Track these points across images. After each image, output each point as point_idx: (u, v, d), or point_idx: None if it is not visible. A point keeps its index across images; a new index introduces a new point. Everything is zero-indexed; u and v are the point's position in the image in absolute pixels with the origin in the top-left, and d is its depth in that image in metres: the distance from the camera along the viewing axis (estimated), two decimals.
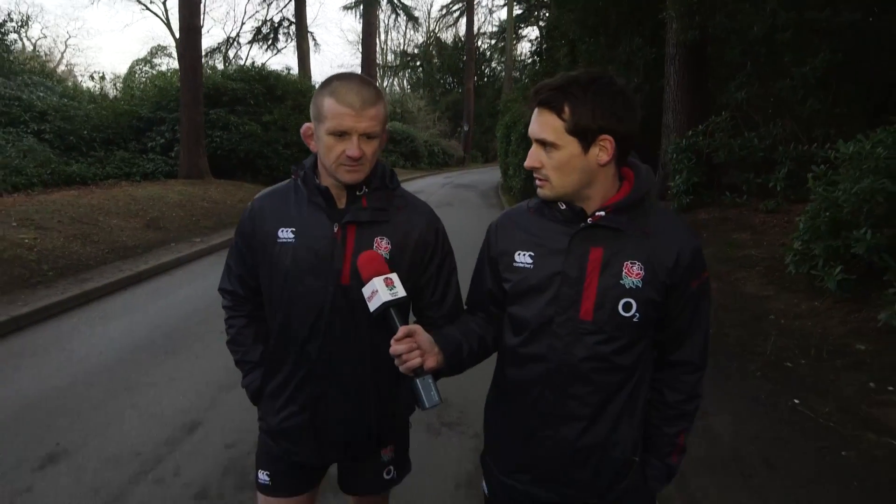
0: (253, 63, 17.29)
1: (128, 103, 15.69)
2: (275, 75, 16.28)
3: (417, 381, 1.22)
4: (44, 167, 11.83)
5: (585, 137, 1.16)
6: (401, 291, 1.26)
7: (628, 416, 1.28)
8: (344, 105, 1.30)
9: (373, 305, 1.25)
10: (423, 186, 19.04)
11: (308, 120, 1.42)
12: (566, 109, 1.16)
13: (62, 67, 32.77)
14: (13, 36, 20.37)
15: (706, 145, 8.30)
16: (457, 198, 15.90)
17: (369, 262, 1.30)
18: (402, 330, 1.22)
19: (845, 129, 6.63)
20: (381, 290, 1.24)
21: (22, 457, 2.88)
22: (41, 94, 15.24)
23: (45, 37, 18.80)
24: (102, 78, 27.27)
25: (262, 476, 1.59)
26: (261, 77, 15.68)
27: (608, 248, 1.22)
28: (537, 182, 1.25)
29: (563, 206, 1.25)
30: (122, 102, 15.86)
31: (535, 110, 1.21)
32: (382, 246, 1.43)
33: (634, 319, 1.21)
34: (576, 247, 1.23)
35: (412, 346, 1.21)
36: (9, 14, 19.49)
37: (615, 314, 1.21)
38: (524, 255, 1.30)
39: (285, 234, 1.43)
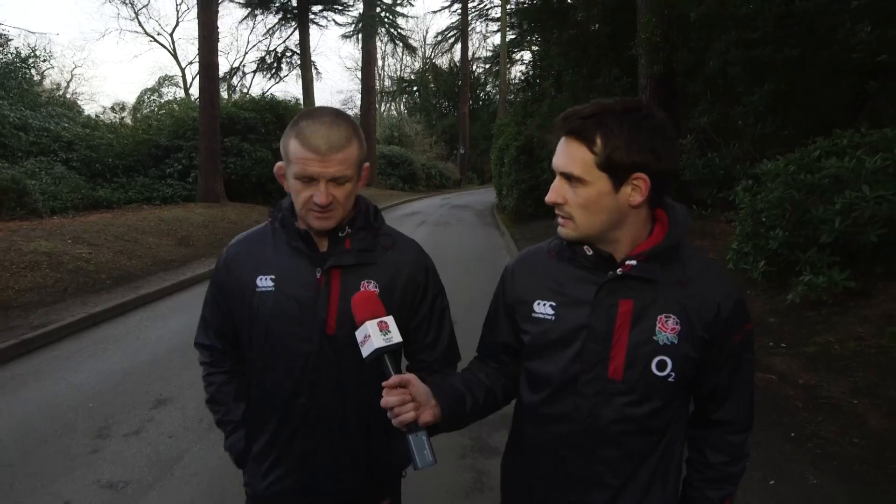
0: (263, 94, 18.43)
1: (146, 132, 16.81)
2: (283, 105, 17.45)
3: (410, 437, 1.09)
4: (75, 192, 12.91)
5: (617, 174, 1.04)
6: (396, 337, 1.15)
7: (661, 480, 1.16)
8: (308, 150, 1.20)
9: (365, 351, 1.14)
10: (422, 207, 20.14)
11: None
12: (598, 141, 1.03)
13: (68, 96, 34.11)
14: (34, 70, 21.64)
15: None
16: (454, 217, 16.90)
17: (363, 303, 1.19)
18: (394, 379, 1.11)
19: (793, 149, 7.73)
20: (373, 336, 1.13)
21: (137, 402, 3.88)
22: (65, 125, 16.41)
23: (53, 66, 20.00)
24: (123, 109, 28.32)
25: None
26: (270, 107, 16.83)
27: (639, 300, 1.10)
28: (559, 220, 1.13)
29: (590, 252, 1.13)
30: (140, 131, 16.99)
31: (562, 140, 1.08)
32: (370, 290, 1.33)
33: (670, 379, 1.09)
34: (603, 298, 1.11)
35: (405, 398, 1.09)
36: (33, 49, 20.62)
37: (648, 373, 1.09)
38: (544, 304, 1.18)
39: (264, 282, 1.34)
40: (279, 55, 29.68)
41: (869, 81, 7.14)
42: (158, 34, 46.80)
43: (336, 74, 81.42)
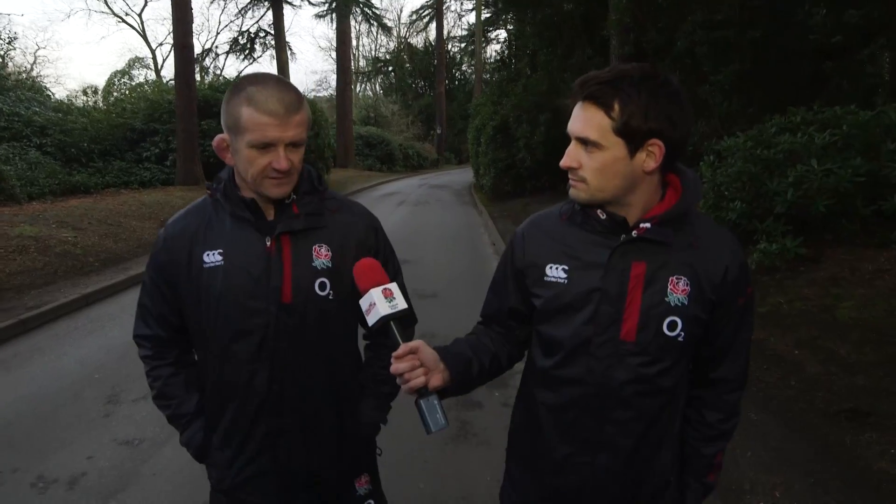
0: (238, 75, 18.27)
1: (120, 116, 16.65)
2: None
3: (422, 402, 1.10)
4: (52, 177, 12.84)
5: (634, 140, 1.05)
6: (401, 303, 1.15)
7: (668, 439, 1.21)
8: (266, 114, 1.17)
9: (371, 319, 1.13)
10: (401, 188, 20.28)
11: None
12: (616, 107, 1.04)
13: (33, 78, 33.23)
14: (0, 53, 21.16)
15: None
16: (433, 197, 17.14)
17: (367, 271, 1.18)
18: (403, 347, 1.11)
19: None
20: (379, 303, 1.12)
21: (141, 372, 4.11)
22: (36, 110, 16.18)
23: (16, 48, 19.48)
24: (95, 92, 27.77)
25: None
26: None
27: (652, 263, 1.12)
28: (571, 183, 1.14)
29: (603, 216, 1.15)
30: (114, 115, 16.81)
31: (579, 104, 1.09)
32: (322, 254, 1.32)
33: (679, 339, 1.13)
34: (616, 261, 1.13)
35: (415, 363, 1.10)
36: None
37: (660, 334, 1.12)
38: (557, 268, 1.19)
39: (211, 256, 1.30)
40: (252, 36, 29.21)
41: (825, 62, 7.54)
42: (126, 14, 45.66)
43: (310, 55, 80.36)
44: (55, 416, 3.47)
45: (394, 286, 1.16)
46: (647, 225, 1.10)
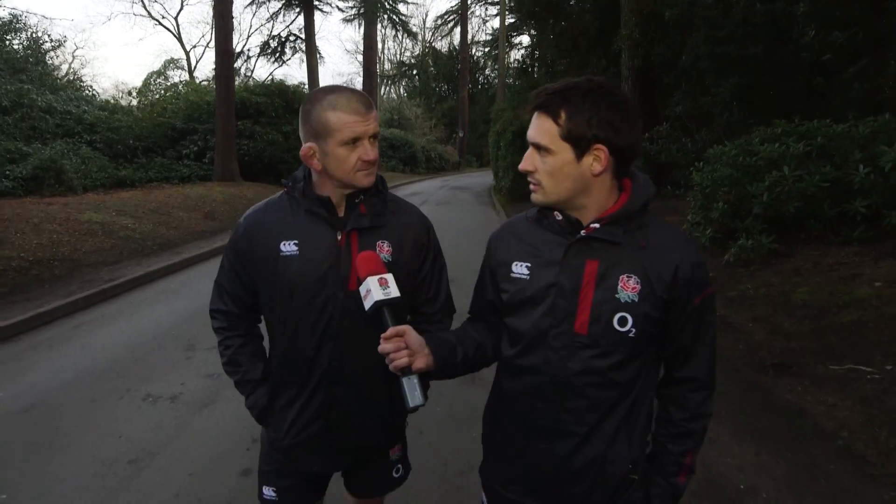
0: (272, 78, 19.36)
1: (161, 115, 17.75)
2: (292, 90, 18.38)
3: (403, 380, 1.22)
4: (102, 171, 13.93)
5: (579, 145, 1.14)
6: (394, 292, 1.27)
7: (626, 434, 1.25)
8: (352, 113, 1.35)
9: (367, 304, 1.27)
10: (423, 189, 21.11)
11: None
12: (562, 115, 1.13)
13: (70, 77, 34.90)
14: (52, 54, 22.51)
15: (652, 149, 10.46)
16: (454, 198, 17.91)
17: (366, 262, 1.32)
18: (391, 330, 1.23)
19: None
20: (374, 290, 1.25)
21: (209, 330, 4.99)
22: (85, 108, 17.36)
23: (54, 49, 20.83)
24: (130, 93, 29.16)
25: (268, 492, 1.62)
26: (280, 91, 17.77)
27: (604, 261, 1.19)
28: (531, 187, 1.23)
29: (560, 217, 1.24)
30: (155, 115, 17.92)
31: (535, 114, 1.18)
32: (384, 249, 1.46)
33: (630, 335, 1.18)
34: (571, 258, 1.21)
35: (399, 345, 1.22)
36: (48, 35, 21.46)
37: (610, 328, 1.18)
38: (521, 265, 1.28)
39: (288, 246, 1.45)
40: (283, 40, 30.32)
41: (817, 77, 8.19)
42: (163, 17, 47.40)
43: (336, 57, 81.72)
44: (149, 358, 4.35)
45: (389, 276, 1.30)
46: (596, 225, 1.19)
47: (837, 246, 5.48)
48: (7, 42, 20.05)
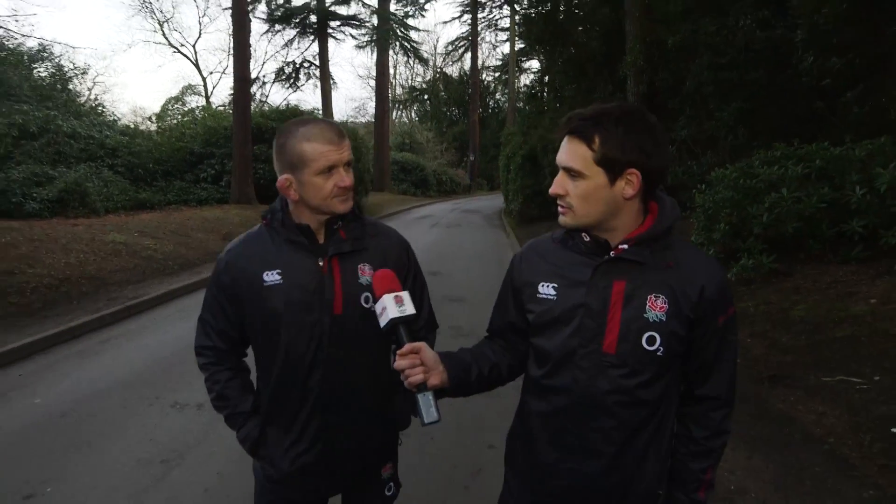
0: (287, 104, 19.92)
1: (180, 140, 18.28)
2: (308, 115, 18.89)
3: (419, 396, 1.23)
4: (123, 194, 14.38)
5: (613, 169, 1.16)
6: (409, 309, 1.28)
7: (655, 451, 1.26)
8: (325, 143, 1.39)
9: (382, 321, 1.28)
10: (434, 211, 21.43)
11: None
12: (596, 140, 1.15)
13: (92, 103, 35.94)
14: (76, 81, 23.31)
15: None
16: (464, 220, 18.18)
17: (382, 280, 1.33)
18: (407, 346, 1.25)
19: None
20: (389, 308, 1.27)
21: None
22: (107, 133, 17.92)
23: (78, 76, 21.68)
24: (159, 118, 29.98)
25: None
26: (294, 117, 18.27)
27: (631, 281, 1.21)
28: (560, 209, 1.24)
29: (587, 238, 1.25)
30: (174, 139, 18.45)
31: (565, 139, 1.20)
32: (366, 272, 1.50)
33: (658, 353, 1.20)
34: (599, 279, 1.22)
35: (415, 361, 1.24)
36: (73, 63, 22.26)
37: (638, 347, 1.20)
38: (548, 286, 1.29)
39: (272, 276, 1.47)
40: (297, 66, 31.08)
41: (817, 101, 8.41)
42: (182, 45, 48.79)
43: (349, 83, 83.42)
44: (174, 369, 4.58)
45: (405, 294, 1.31)
46: (625, 246, 1.20)
47: (836, 265, 5.64)
48: (34, 70, 20.83)
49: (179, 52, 42.01)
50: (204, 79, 37.34)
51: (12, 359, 4.82)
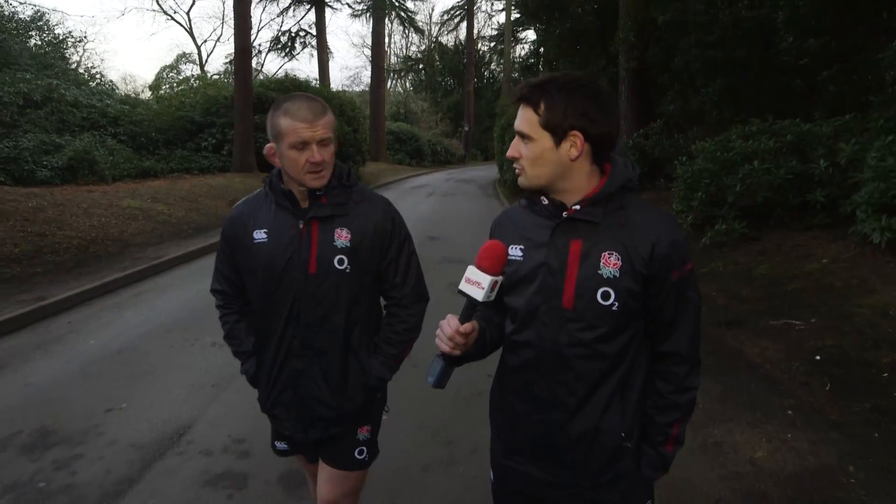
0: (286, 74, 20.12)
1: (180, 109, 18.54)
2: (305, 85, 19.17)
3: (442, 363, 1.34)
4: (128, 162, 14.74)
5: (556, 133, 1.22)
6: (493, 294, 1.29)
7: (619, 404, 1.31)
8: (299, 120, 1.50)
9: (470, 292, 1.28)
10: (429, 181, 21.79)
11: None
12: (541, 105, 1.22)
13: (80, 70, 35.77)
14: (73, 50, 23.34)
15: (647, 145, 11.21)
16: (459, 190, 18.61)
17: (497, 256, 1.30)
18: (468, 325, 1.29)
19: None
20: (486, 288, 1.26)
21: None
22: (108, 102, 18.15)
23: (74, 45, 21.67)
24: (154, 87, 29.96)
25: (280, 445, 1.87)
26: (294, 87, 18.52)
27: (587, 240, 1.26)
28: (517, 172, 1.32)
29: (546, 201, 1.32)
30: (174, 108, 18.70)
31: (520, 106, 1.28)
32: (343, 235, 1.62)
33: (613, 308, 1.25)
34: (557, 239, 1.29)
35: (461, 341, 1.29)
36: (70, 33, 22.26)
37: (594, 303, 1.25)
38: (516, 248, 1.35)
39: (259, 234, 1.64)
40: (293, 35, 30.97)
41: (796, 80, 8.92)
42: (175, 12, 48.23)
43: (343, 51, 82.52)
44: (205, 317, 5.09)
45: (500, 279, 1.30)
46: (577, 207, 1.26)
47: (800, 231, 6.24)
48: (30, 38, 20.87)
49: (173, 19, 41.64)
50: (198, 47, 37.21)
51: (59, 309, 5.38)
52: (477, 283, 1.27)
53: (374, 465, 1.87)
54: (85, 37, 30.60)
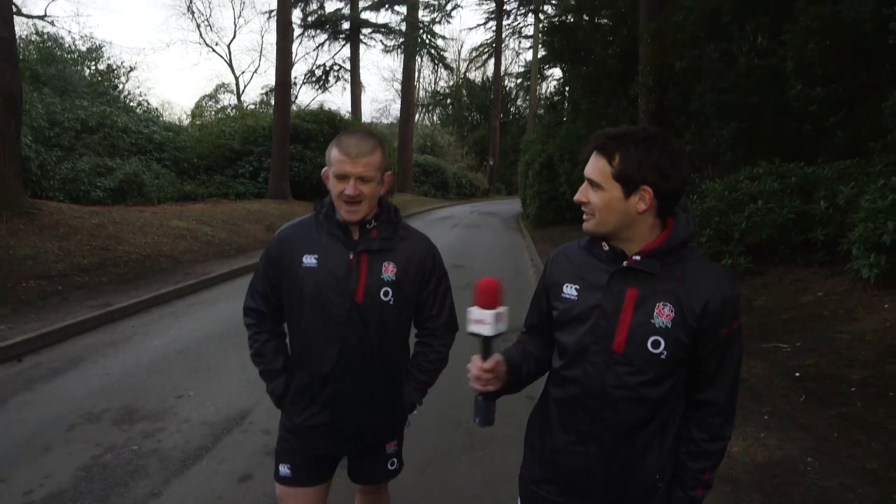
0: (320, 107, 21.16)
1: (220, 137, 19.59)
2: (338, 117, 20.14)
3: (484, 402, 1.41)
4: (172, 186, 15.70)
5: (627, 185, 1.27)
6: (504, 327, 1.36)
7: (657, 446, 1.36)
8: (342, 154, 1.60)
9: (476, 330, 1.35)
10: (454, 213, 22.48)
11: None
12: (616, 157, 1.27)
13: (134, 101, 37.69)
14: (123, 79, 24.85)
15: None
16: (483, 222, 19.28)
17: (488, 291, 1.36)
18: (492, 361, 1.37)
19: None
20: (490, 323, 1.34)
21: None
22: (154, 129, 19.31)
23: (126, 74, 23.26)
24: (194, 114, 31.53)
25: (284, 469, 1.84)
26: (328, 119, 19.51)
27: (643, 289, 1.31)
28: (584, 216, 1.36)
29: (606, 247, 1.36)
30: (214, 136, 19.76)
31: (593, 154, 1.32)
32: (389, 269, 1.71)
33: (662, 357, 1.29)
34: (614, 285, 1.33)
35: (490, 376, 1.37)
36: (122, 63, 23.76)
37: (644, 349, 1.30)
38: (571, 287, 1.41)
39: (309, 259, 1.71)
40: (327, 69, 32.32)
41: (805, 125, 9.40)
42: (216, 45, 50.70)
43: (373, 84, 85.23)
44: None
45: (505, 310, 1.38)
46: (638, 257, 1.31)
47: (801, 267, 6.66)
48: (87, 68, 22.37)
49: (214, 51, 43.71)
50: (237, 78, 38.91)
51: (124, 314, 6.05)
52: (480, 321, 1.35)
53: (403, 449, 1.99)
54: (134, 66, 32.25)
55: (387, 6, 28.97)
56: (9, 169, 7.50)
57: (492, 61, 40.94)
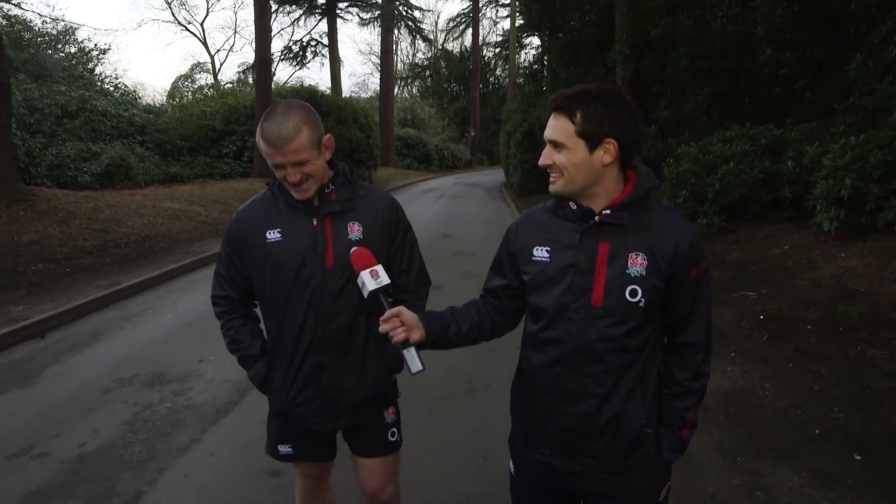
0: (301, 83, 21.09)
1: (202, 118, 19.52)
2: (319, 94, 20.12)
3: (404, 352, 1.44)
4: (157, 168, 15.74)
5: (592, 141, 1.30)
6: (385, 279, 1.49)
7: (640, 392, 1.41)
8: (268, 146, 1.53)
9: (364, 293, 1.50)
10: (437, 185, 22.68)
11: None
12: (578, 115, 1.30)
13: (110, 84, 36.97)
14: (97, 61, 24.45)
15: (642, 148, 12.08)
16: (468, 193, 19.51)
17: (357, 259, 1.52)
18: (388, 312, 1.45)
19: None
20: (367, 282, 1.49)
21: None
22: (135, 112, 19.19)
23: (98, 56, 22.78)
24: (170, 95, 31.12)
25: (284, 448, 1.87)
26: (310, 96, 19.49)
27: (614, 242, 1.35)
28: (551, 178, 1.38)
29: (574, 206, 1.39)
30: (195, 117, 19.68)
31: (552, 115, 1.35)
32: (355, 229, 1.70)
33: (640, 304, 1.34)
34: (586, 242, 1.37)
35: (395, 324, 1.44)
36: (95, 45, 23.36)
37: (623, 300, 1.34)
38: (542, 249, 1.43)
39: (273, 234, 1.68)
40: (304, 45, 31.89)
41: (775, 89, 9.78)
42: (189, 23, 49.61)
43: (351, 58, 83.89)
44: None
45: (379, 267, 1.51)
46: (607, 211, 1.35)
47: (771, 223, 7.10)
48: (59, 51, 21.99)
49: (187, 30, 42.87)
50: (212, 56, 38.32)
51: (132, 292, 6.33)
52: (363, 284, 1.51)
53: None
54: (108, 48, 31.63)
55: None
56: (3, 157, 7.64)
57: (469, 31, 40.66)
